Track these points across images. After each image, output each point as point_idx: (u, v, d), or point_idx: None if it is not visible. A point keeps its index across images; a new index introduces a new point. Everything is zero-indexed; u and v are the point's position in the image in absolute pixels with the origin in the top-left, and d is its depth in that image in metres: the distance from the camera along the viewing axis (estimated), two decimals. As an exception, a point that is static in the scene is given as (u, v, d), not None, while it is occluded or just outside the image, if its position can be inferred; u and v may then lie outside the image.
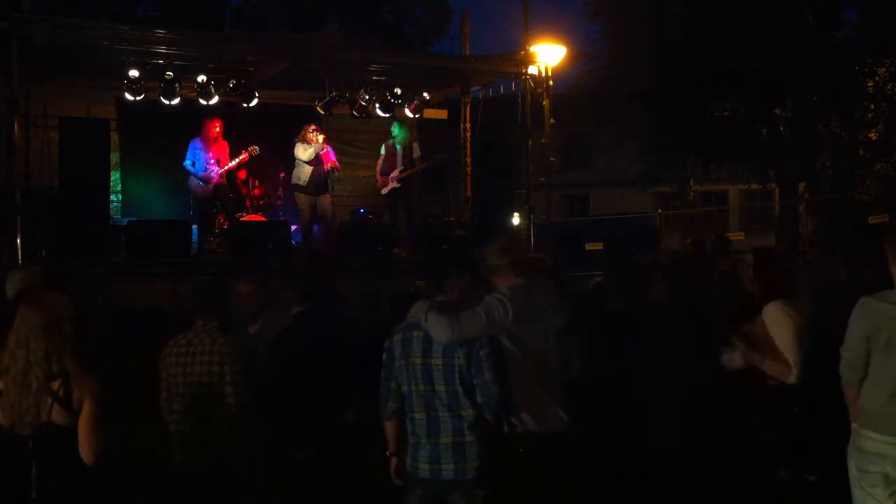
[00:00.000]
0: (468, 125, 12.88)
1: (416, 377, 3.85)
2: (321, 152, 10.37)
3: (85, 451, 3.27)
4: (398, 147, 11.00)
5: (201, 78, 10.01)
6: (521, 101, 11.47)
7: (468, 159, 12.82)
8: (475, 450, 3.76)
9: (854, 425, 3.76)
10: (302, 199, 10.52)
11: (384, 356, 3.99)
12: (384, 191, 11.16)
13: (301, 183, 10.48)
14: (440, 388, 3.80)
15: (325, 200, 10.55)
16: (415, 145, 11.16)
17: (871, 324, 3.65)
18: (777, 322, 4.47)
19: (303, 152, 10.40)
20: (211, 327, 4.32)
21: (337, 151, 10.97)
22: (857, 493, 3.72)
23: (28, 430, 3.23)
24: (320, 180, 10.47)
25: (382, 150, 11.17)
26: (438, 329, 3.74)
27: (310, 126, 10.57)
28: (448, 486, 3.79)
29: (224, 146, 10.35)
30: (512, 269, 4.02)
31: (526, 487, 3.86)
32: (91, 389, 3.29)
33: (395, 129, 11.06)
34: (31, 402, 3.23)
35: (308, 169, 10.41)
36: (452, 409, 3.78)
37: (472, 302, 3.88)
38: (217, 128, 10.27)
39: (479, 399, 3.76)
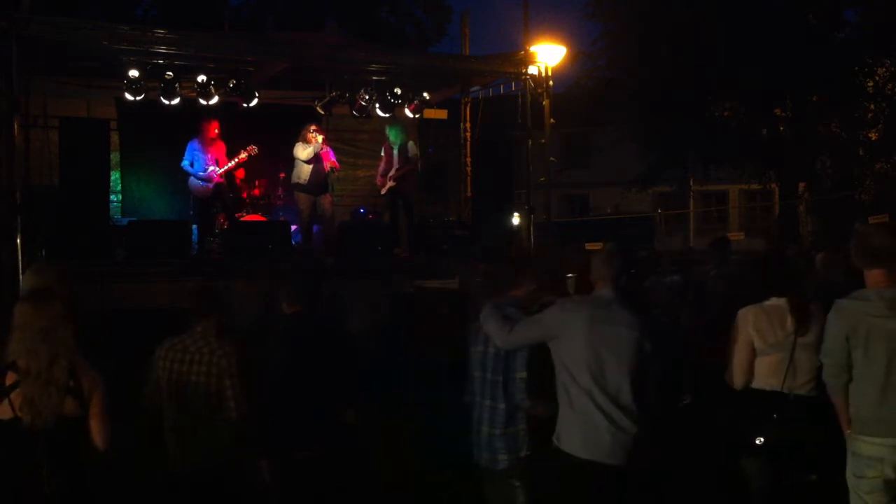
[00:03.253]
0: (468, 125, 12.90)
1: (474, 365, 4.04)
2: (320, 151, 10.37)
3: (98, 439, 3.41)
4: (394, 148, 11.01)
5: (201, 78, 10.01)
6: (521, 101, 11.45)
7: (468, 159, 12.84)
8: (503, 443, 3.85)
9: (847, 432, 3.69)
10: (302, 199, 10.52)
11: None
12: (383, 191, 11.17)
13: (301, 182, 10.48)
14: (484, 375, 3.93)
15: (325, 200, 10.54)
16: (410, 144, 11.15)
17: (847, 324, 3.59)
18: (735, 327, 4.32)
19: (301, 151, 10.40)
20: (209, 332, 4.18)
21: (337, 151, 10.98)
22: (854, 501, 3.64)
23: (48, 423, 3.29)
24: (320, 180, 10.46)
25: (383, 152, 11.19)
26: (492, 334, 3.83)
27: (310, 126, 10.56)
28: (485, 474, 3.94)
29: (222, 147, 10.33)
30: (602, 278, 3.79)
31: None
32: (98, 381, 3.42)
33: (389, 131, 11.07)
34: (54, 392, 3.30)
35: (307, 168, 10.41)
36: (493, 399, 3.89)
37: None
38: (215, 129, 10.25)
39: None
